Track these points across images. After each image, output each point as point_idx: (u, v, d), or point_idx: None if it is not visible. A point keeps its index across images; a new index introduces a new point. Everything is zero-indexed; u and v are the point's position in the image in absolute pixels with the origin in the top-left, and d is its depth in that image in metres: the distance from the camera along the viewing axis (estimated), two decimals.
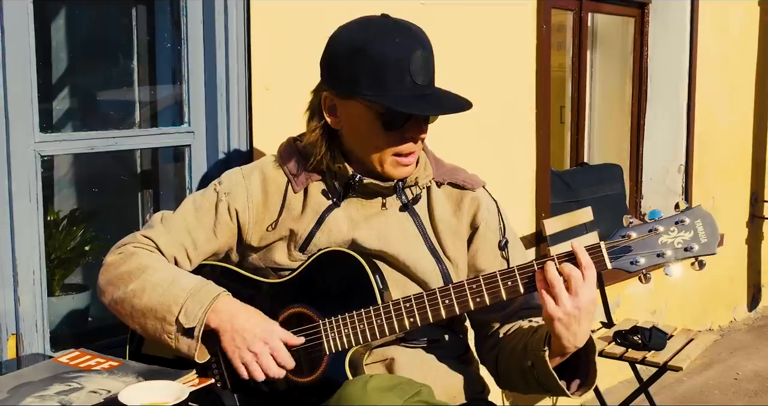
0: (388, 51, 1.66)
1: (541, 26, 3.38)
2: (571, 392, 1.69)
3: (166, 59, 2.53)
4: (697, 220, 1.59)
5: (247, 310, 1.67)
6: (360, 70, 1.68)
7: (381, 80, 1.66)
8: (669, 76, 4.47)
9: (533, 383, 1.70)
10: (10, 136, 1.95)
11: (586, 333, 1.62)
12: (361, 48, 1.68)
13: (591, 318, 1.61)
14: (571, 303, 1.57)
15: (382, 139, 1.71)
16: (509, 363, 1.77)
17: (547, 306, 1.58)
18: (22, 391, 1.53)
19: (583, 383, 1.69)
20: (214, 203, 1.81)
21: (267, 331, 1.65)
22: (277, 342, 1.64)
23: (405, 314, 1.66)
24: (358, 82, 1.68)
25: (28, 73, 1.96)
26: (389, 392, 1.48)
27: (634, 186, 4.52)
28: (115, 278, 1.73)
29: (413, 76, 1.66)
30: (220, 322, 1.64)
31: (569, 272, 1.58)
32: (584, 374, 1.69)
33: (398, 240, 1.78)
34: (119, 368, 1.65)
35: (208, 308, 1.64)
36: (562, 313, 1.57)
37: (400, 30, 1.70)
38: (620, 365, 3.27)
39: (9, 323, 1.99)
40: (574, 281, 1.57)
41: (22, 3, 1.93)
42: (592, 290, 1.59)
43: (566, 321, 1.57)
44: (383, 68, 1.66)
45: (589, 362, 1.68)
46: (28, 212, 1.99)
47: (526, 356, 1.69)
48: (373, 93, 1.67)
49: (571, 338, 1.59)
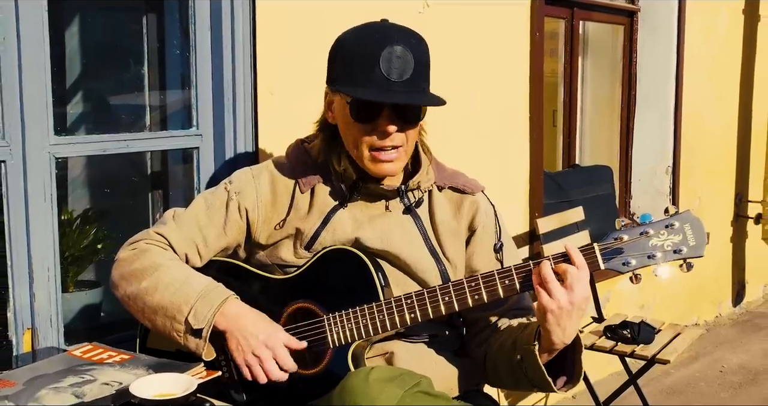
0: (360, 46, 1.68)
1: (534, 34, 3.38)
2: (557, 388, 1.68)
3: (175, 65, 2.53)
4: (686, 224, 1.60)
5: (253, 314, 1.68)
6: (338, 64, 1.72)
7: (351, 73, 1.68)
8: (657, 81, 4.47)
9: (521, 377, 1.70)
10: (26, 138, 1.95)
11: (575, 329, 1.62)
12: (341, 44, 1.73)
13: (581, 315, 1.61)
14: (565, 297, 1.57)
15: (355, 131, 1.71)
16: (497, 359, 1.76)
17: (542, 299, 1.58)
18: (37, 383, 1.53)
19: (568, 380, 1.69)
20: (225, 202, 1.81)
21: (271, 336, 1.65)
22: (279, 347, 1.65)
23: (406, 310, 1.66)
24: (336, 76, 1.72)
25: (43, 79, 1.96)
26: (390, 383, 1.48)
27: (623, 187, 4.52)
28: (128, 273, 1.73)
29: (384, 70, 1.65)
30: (227, 325, 1.65)
31: (565, 268, 1.58)
32: (570, 371, 1.68)
33: (400, 241, 1.78)
34: (130, 361, 1.65)
35: (217, 311, 1.64)
36: (555, 306, 1.57)
37: (386, 29, 1.71)
38: (610, 358, 3.27)
39: (25, 317, 1.99)
40: (570, 277, 1.57)
41: (38, 11, 1.93)
42: (585, 287, 1.58)
43: (558, 314, 1.57)
44: (352, 61, 1.68)
45: (575, 360, 1.67)
46: (43, 211, 1.99)
47: (515, 350, 1.69)
48: (344, 85, 1.69)
49: (560, 332, 1.59)
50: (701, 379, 4.08)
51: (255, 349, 1.64)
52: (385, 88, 1.66)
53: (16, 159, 1.94)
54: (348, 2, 2.52)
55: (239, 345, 1.65)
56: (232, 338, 1.65)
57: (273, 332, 1.66)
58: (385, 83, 1.66)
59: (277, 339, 1.65)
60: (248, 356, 1.64)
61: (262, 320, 1.68)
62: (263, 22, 2.33)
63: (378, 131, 1.69)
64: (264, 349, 1.64)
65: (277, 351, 1.64)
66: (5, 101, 1.91)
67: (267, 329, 1.66)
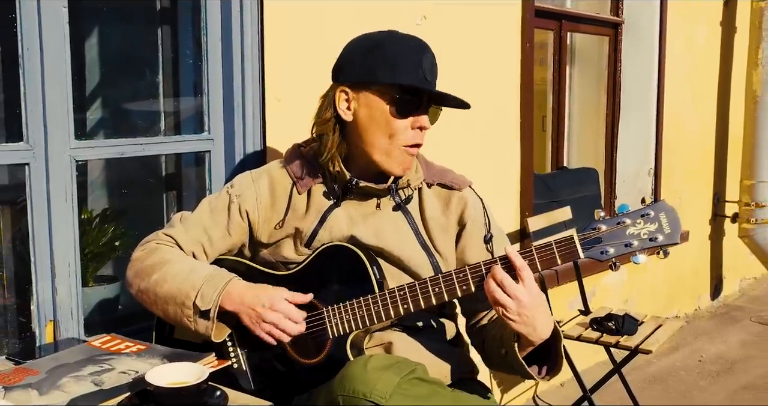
0: (403, 48, 1.70)
1: (525, 44, 3.38)
2: (540, 377, 1.68)
3: (188, 74, 2.53)
4: (661, 213, 1.58)
5: (254, 288, 1.68)
6: (378, 62, 1.69)
7: (397, 70, 1.68)
8: (640, 88, 4.47)
9: (509, 368, 1.70)
10: (48, 143, 1.95)
11: (546, 326, 1.60)
12: (380, 44, 1.71)
13: (544, 312, 1.59)
14: (514, 305, 1.55)
15: (391, 126, 1.70)
16: (491, 349, 1.77)
17: (498, 312, 1.58)
18: (58, 372, 1.53)
19: (551, 369, 1.69)
20: (227, 205, 1.82)
21: (273, 298, 1.66)
22: (285, 305, 1.66)
23: (400, 301, 1.66)
24: (375, 72, 1.69)
25: (64, 87, 1.96)
26: (387, 370, 1.48)
27: (608, 188, 4.52)
28: (140, 270, 1.74)
29: (424, 72, 1.68)
30: (232, 303, 1.66)
31: (500, 278, 1.56)
32: (552, 360, 1.68)
33: (393, 237, 1.77)
34: (146, 352, 1.65)
35: (221, 291, 1.65)
36: (513, 315, 1.56)
37: (411, 37, 1.75)
38: (596, 348, 3.27)
39: (47, 310, 1.99)
40: (508, 287, 1.55)
41: (59, 24, 1.94)
42: (531, 289, 1.56)
43: (521, 321, 1.56)
44: (399, 61, 1.68)
45: (556, 350, 1.67)
46: (65, 211, 1.99)
47: (501, 345, 1.69)
48: (391, 78, 1.68)
49: (531, 331, 1.58)
50: (681, 368, 4.08)
51: (265, 316, 1.64)
52: (427, 87, 1.70)
53: (39, 162, 1.94)
54: (350, 17, 2.53)
55: (251, 318, 1.65)
56: (243, 314, 1.66)
57: (274, 295, 1.67)
58: (424, 82, 1.69)
59: (280, 300, 1.66)
60: (263, 324, 1.65)
61: (262, 290, 1.68)
62: (271, 34, 2.33)
63: (415, 127, 1.71)
64: (272, 313, 1.64)
65: (285, 310, 1.65)
66: (29, 108, 1.92)
67: (268, 295, 1.66)
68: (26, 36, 1.90)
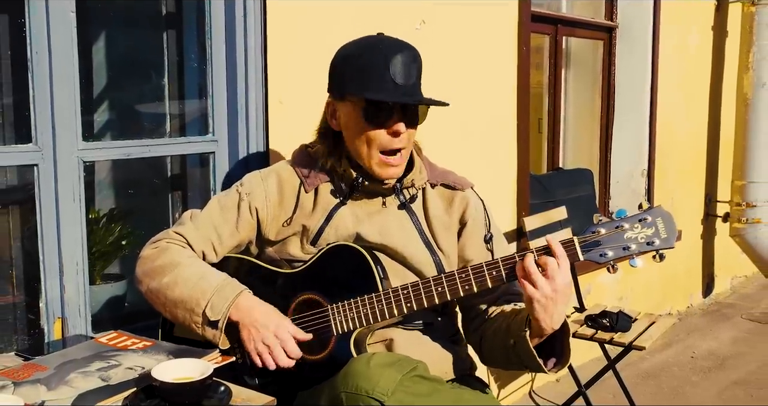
0: (370, 55, 1.69)
1: (521, 48, 3.38)
2: (548, 369, 1.68)
3: (193, 77, 2.53)
4: (658, 218, 1.59)
5: (264, 307, 1.68)
6: (348, 72, 1.71)
7: (364, 78, 1.68)
8: (633, 91, 4.47)
9: (514, 359, 1.70)
10: (57, 144, 1.95)
11: (562, 315, 1.61)
12: (354, 53, 1.72)
13: (566, 302, 1.61)
14: (548, 286, 1.56)
15: (366, 134, 1.70)
16: (493, 342, 1.76)
17: (527, 290, 1.58)
18: (66, 367, 1.53)
19: (558, 362, 1.69)
20: (237, 202, 1.81)
21: (280, 326, 1.66)
22: (287, 336, 1.65)
23: (403, 300, 1.66)
24: (346, 83, 1.71)
25: (72, 89, 1.96)
26: (389, 367, 1.48)
27: (603, 188, 4.52)
28: (150, 270, 1.73)
29: (393, 76, 1.67)
30: (240, 317, 1.65)
31: (545, 260, 1.58)
32: (559, 353, 1.68)
33: (397, 235, 1.78)
34: (152, 348, 1.65)
35: (231, 304, 1.64)
36: (540, 295, 1.56)
37: (388, 41, 1.73)
38: (591, 344, 3.27)
39: (55, 307, 1.99)
40: (550, 268, 1.57)
41: (67, 28, 1.94)
42: (566, 276, 1.58)
43: (544, 303, 1.57)
44: (367, 69, 1.68)
45: (564, 343, 1.67)
46: (72, 211, 1.99)
47: (509, 335, 1.68)
48: (358, 90, 1.69)
49: (548, 319, 1.59)
50: (674, 364, 4.08)
51: (265, 338, 1.64)
52: (395, 91, 1.67)
53: (48, 163, 1.94)
54: (351, 21, 2.52)
55: (251, 335, 1.65)
56: (244, 328, 1.65)
57: (281, 322, 1.67)
58: (394, 87, 1.67)
59: (285, 329, 1.66)
60: (259, 344, 1.65)
61: (273, 312, 1.68)
62: (273, 38, 2.33)
63: (389, 133, 1.70)
64: (273, 338, 1.64)
65: (285, 340, 1.65)
66: (37, 110, 1.92)
67: (276, 320, 1.67)
68: (35, 40, 1.89)
